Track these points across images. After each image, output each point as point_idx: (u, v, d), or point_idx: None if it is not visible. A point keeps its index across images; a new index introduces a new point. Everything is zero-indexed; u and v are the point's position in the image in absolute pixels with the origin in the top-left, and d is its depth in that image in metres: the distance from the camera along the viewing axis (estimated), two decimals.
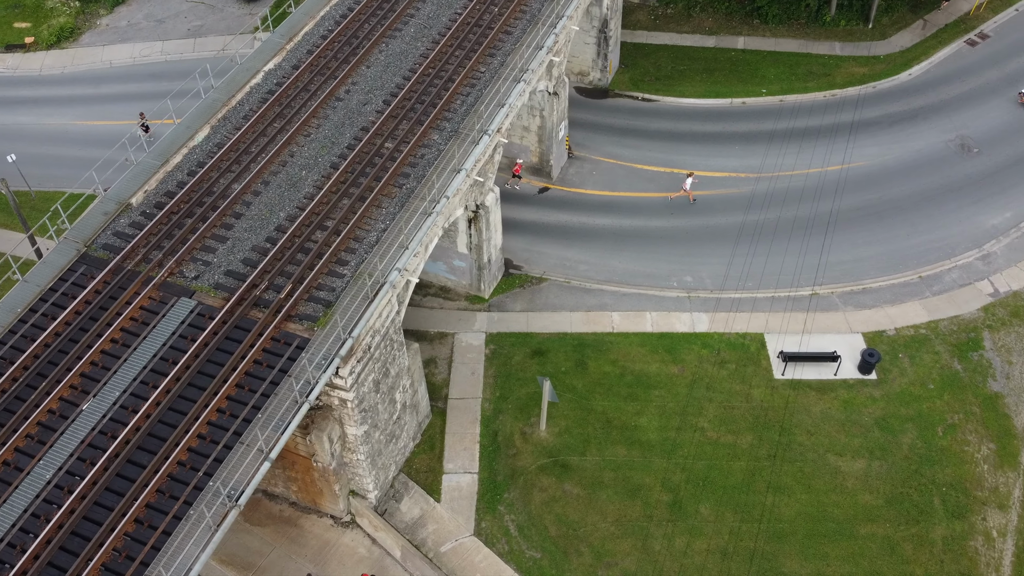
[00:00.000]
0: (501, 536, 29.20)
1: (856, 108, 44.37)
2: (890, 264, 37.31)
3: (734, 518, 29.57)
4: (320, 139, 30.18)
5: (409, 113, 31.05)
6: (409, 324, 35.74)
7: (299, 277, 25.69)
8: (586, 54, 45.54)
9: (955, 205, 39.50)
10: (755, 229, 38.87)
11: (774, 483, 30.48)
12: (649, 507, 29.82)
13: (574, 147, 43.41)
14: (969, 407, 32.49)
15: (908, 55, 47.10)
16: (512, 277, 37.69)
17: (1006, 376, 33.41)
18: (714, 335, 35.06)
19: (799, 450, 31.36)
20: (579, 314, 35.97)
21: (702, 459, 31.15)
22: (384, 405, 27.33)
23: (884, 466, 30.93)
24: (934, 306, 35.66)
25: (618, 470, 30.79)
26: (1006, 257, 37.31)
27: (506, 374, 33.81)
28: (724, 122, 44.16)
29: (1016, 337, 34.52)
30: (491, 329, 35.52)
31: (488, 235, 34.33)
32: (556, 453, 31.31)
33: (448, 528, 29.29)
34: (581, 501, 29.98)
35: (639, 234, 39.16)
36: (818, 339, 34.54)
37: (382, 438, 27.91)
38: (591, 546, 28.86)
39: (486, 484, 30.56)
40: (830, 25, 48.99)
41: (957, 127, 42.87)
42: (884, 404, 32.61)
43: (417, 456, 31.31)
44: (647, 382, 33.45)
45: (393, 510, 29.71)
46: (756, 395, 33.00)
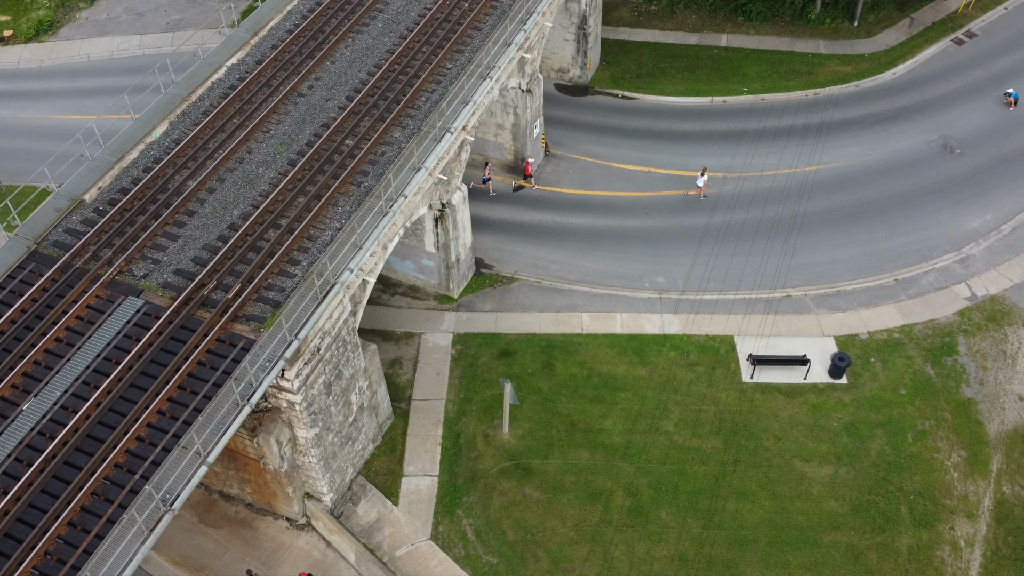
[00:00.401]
0: (458, 540, 28.76)
1: (838, 107, 43.73)
2: (866, 266, 36.71)
3: (696, 524, 29.07)
4: (279, 135, 29.73)
5: (372, 110, 30.56)
6: (376, 324, 35.36)
7: (248, 277, 25.25)
8: (565, 51, 44.99)
9: (935, 207, 38.87)
10: (730, 230, 38.29)
11: (738, 489, 29.97)
12: (610, 512, 29.33)
13: (551, 145, 42.88)
14: (941, 413, 31.92)
15: (893, 54, 46.41)
16: (483, 276, 37.20)
17: (980, 382, 32.81)
18: (684, 337, 34.53)
19: (765, 455, 30.83)
20: (549, 315, 35.48)
21: (666, 463, 30.64)
22: (338, 407, 26.89)
23: (851, 473, 30.39)
24: (909, 310, 35.06)
25: (580, 474, 30.31)
26: (985, 260, 36.68)
27: (472, 375, 33.35)
28: (704, 121, 43.56)
29: (992, 342, 33.92)
30: (459, 329, 35.05)
31: (456, 234, 33.84)
32: (518, 456, 30.84)
33: (405, 532, 28.86)
34: (541, 505, 29.51)
35: (613, 234, 38.62)
36: (789, 342, 33.99)
37: (336, 440, 27.48)
38: (549, 552, 28.40)
39: (446, 487, 30.12)
40: (815, 23, 48.33)
41: (940, 127, 42.20)
42: (854, 409, 32.06)
43: (377, 458, 30.87)
44: (614, 384, 32.95)
45: (350, 513, 29.28)
46: (724, 399, 32.48)
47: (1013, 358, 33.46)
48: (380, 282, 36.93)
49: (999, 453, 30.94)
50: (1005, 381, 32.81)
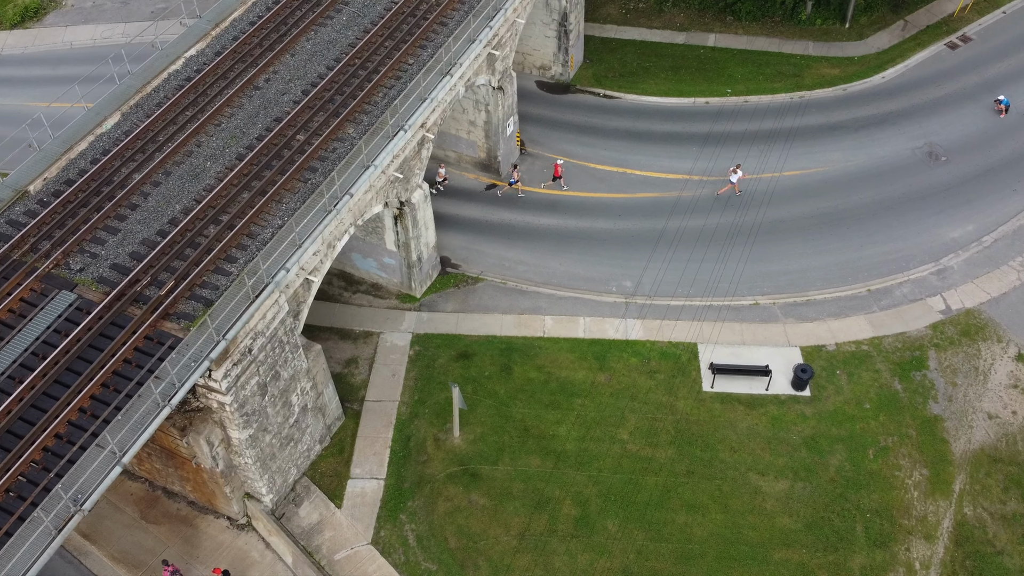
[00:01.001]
0: (399, 546, 28.28)
1: (823, 111, 42.71)
2: (839, 275, 35.79)
3: (643, 536, 28.41)
4: (231, 129, 29.28)
5: (327, 105, 30.04)
6: (335, 322, 34.91)
7: (183, 273, 24.83)
8: (547, 48, 44.24)
9: (915, 216, 37.83)
10: (703, 235, 37.47)
11: (689, 501, 29.27)
12: (556, 521, 28.73)
13: (528, 143, 42.19)
14: (905, 430, 31.03)
15: (884, 57, 45.28)
16: (448, 276, 36.64)
17: (948, 398, 31.87)
18: (646, 343, 33.81)
19: (720, 467, 30.10)
20: (511, 317, 34.87)
21: (618, 472, 30.00)
22: (275, 409, 26.45)
23: (808, 488, 29.60)
24: (880, 322, 34.13)
25: (529, 481, 29.72)
26: (963, 273, 35.65)
27: (428, 377, 32.82)
28: (684, 122, 42.68)
29: (964, 358, 32.94)
30: (419, 329, 34.52)
31: (416, 233, 33.29)
32: (467, 461, 30.29)
33: (345, 535, 28.41)
34: (486, 512, 28.96)
35: (583, 236, 37.92)
36: (753, 351, 33.19)
37: (275, 442, 27.05)
38: (490, 560, 27.86)
39: (391, 491, 29.64)
40: (805, 24, 47.26)
41: (927, 134, 41.10)
42: (815, 423, 31.24)
43: (324, 459, 30.44)
44: (571, 390, 32.32)
45: (291, 514, 28.87)
46: (682, 407, 31.76)
47: (985, 375, 32.49)
48: (342, 279, 36.49)
49: (963, 473, 30.03)
50: (975, 398, 31.84)
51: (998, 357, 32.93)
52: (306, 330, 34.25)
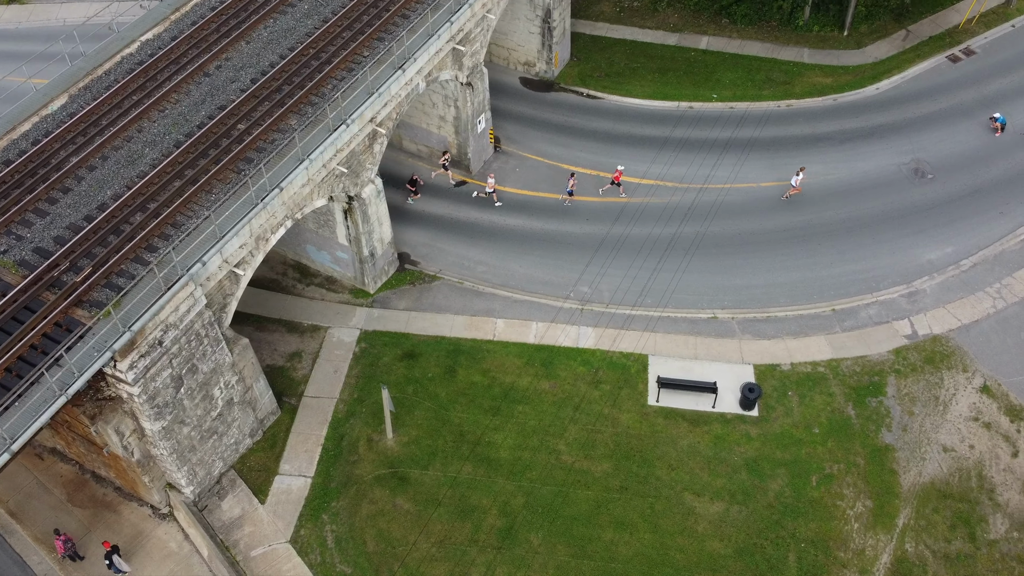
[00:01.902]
0: (317, 546, 27.92)
1: (810, 121, 41.36)
2: (804, 293, 34.62)
3: (566, 552, 27.72)
4: (174, 115, 28.97)
5: (273, 95, 29.60)
6: (284, 314, 34.59)
7: (102, 260, 24.59)
8: (531, 44, 43.40)
9: (893, 234, 36.45)
10: (670, 243, 36.48)
11: (619, 518, 28.50)
12: (479, 531, 28.15)
13: (505, 141, 41.45)
14: (853, 458, 29.90)
15: (880, 67, 43.72)
16: (406, 273, 36.13)
17: (903, 428, 30.65)
18: (597, 352, 33.00)
19: (655, 484, 29.27)
20: (463, 318, 34.26)
21: (550, 484, 29.31)
22: (194, 402, 26.17)
23: (743, 512, 28.65)
24: (840, 343, 32.94)
25: (457, 488, 29.16)
26: (935, 297, 34.27)
27: (370, 376, 32.37)
28: (665, 126, 41.60)
29: (925, 386, 31.66)
30: (368, 326, 34.07)
31: (368, 228, 32.80)
32: (398, 464, 29.81)
33: (265, 532, 28.12)
34: (410, 518, 28.47)
35: (548, 238, 37.13)
36: (705, 367, 32.23)
37: (194, 435, 26.79)
38: (406, 567, 27.37)
39: (317, 490, 29.27)
40: (803, 30, 45.81)
41: (916, 150, 39.58)
42: (759, 444, 30.24)
43: (255, 453, 30.16)
44: (514, 396, 31.65)
45: (214, 507, 28.65)
46: (624, 420, 30.94)
47: (945, 405, 31.19)
48: (297, 271, 36.16)
49: (909, 507, 28.85)
50: (931, 429, 30.59)
51: (961, 387, 31.60)
52: (254, 321, 34.11)
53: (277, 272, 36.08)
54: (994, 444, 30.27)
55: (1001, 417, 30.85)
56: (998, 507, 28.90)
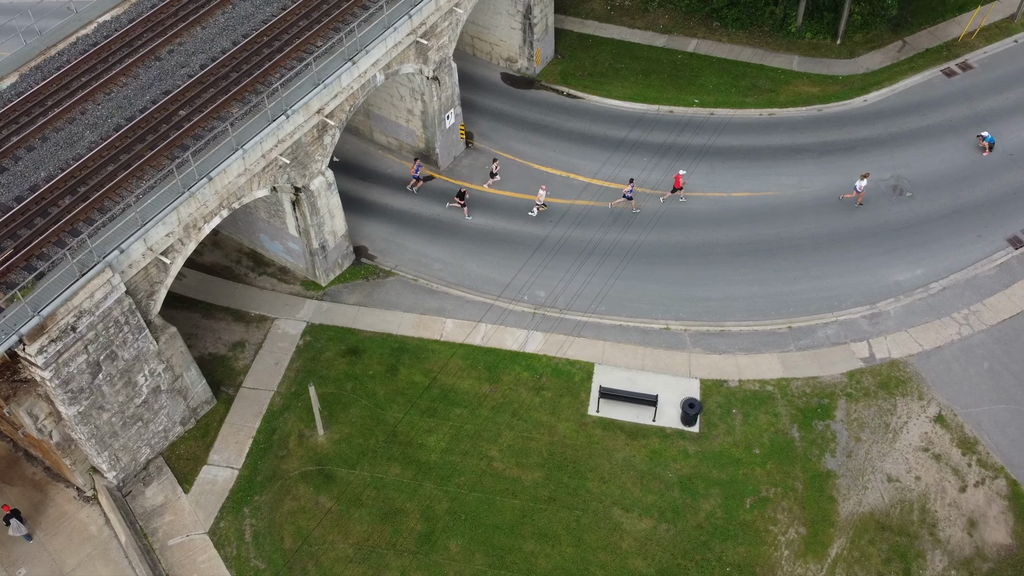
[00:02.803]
0: (234, 539, 27.73)
1: (791, 131, 40.22)
2: (762, 308, 33.68)
3: (483, 561, 27.25)
4: (119, 99, 28.83)
5: (220, 81, 29.34)
6: (233, 302, 34.40)
7: (25, 242, 24.52)
8: (512, 40, 42.72)
9: (862, 253, 35.33)
10: (633, 250, 35.69)
11: (543, 529, 27.96)
12: (398, 535, 27.78)
13: (479, 137, 40.88)
14: (792, 482, 29.04)
15: (870, 78, 42.40)
16: (361, 267, 35.79)
17: (847, 454, 29.70)
18: (543, 358, 32.41)
19: (584, 497, 28.66)
20: (412, 316, 33.84)
21: (477, 491, 28.83)
22: (114, 388, 26.06)
23: (671, 531, 27.96)
24: (793, 362, 32.00)
25: (383, 489, 28.80)
26: (898, 319, 33.15)
27: (310, 370, 32.10)
28: (643, 130, 40.71)
29: (876, 412, 30.64)
30: (315, 319, 33.78)
31: (317, 221, 32.47)
32: (326, 462, 29.52)
33: (185, 522, 28.00)
34: (331, 517, 28.16)
35: (509, 239, 36.52)
36: (651, 379, 31.50)
37: (115, 420, 26.70)
38: (320, 566, 27.09)
39: (243, 482, 29.09)
40: (795, 36, 44.57)
41: (898, 166, 38.33)
42: (696, 462, 29.48)
43: (185, 441, 30.04)
44: (453, 398, 31.19)
45: (137, 493, 28.60)
46: (561, 429, 30.35)
47: (895, 433, 30.17)
48: (252, 259, 35.97)
49: (844, 536, 27.95)
50: (877, 457, 29.60)
51: (914, 415, 30.54)
52: (202, 308, 34.00)
53: (231, 260, 35.93)
54: (942, 477, 29.21)
55: (953, 449, 29.77)
56: (938, 543, 27.90)
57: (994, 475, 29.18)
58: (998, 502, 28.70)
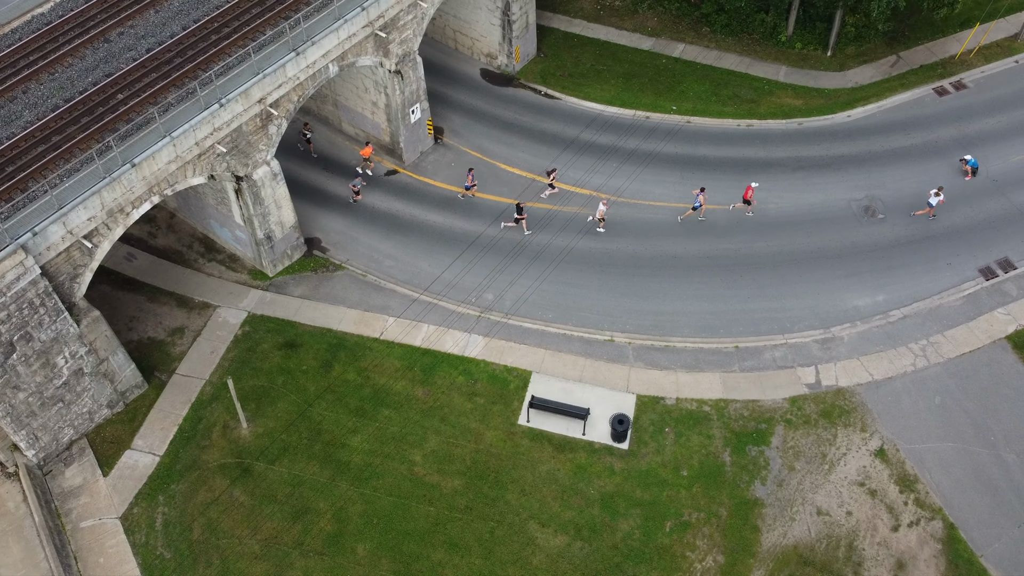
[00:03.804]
0: (144, 526, 27.69)
1: (766, 144, 39.07)
2: (710, 325, 32.78)
3: (389, 568, 26.88)
4: (62, 79, 28.79)
5: (163, 66, 29.15)
6: (178, 287, 34.33)
7: None
8: (492, 36, 42.06)
9: (822, 275, 34.22)
10: (588, 258, 34.99)
11: (454, 539, 27.51)
12: (307, 535, 27.50)
13: (449, 133, 40.34)
14: (716, 508, 28.22)
15: (858, 93, 41.03)
16: (312, 259, 35.51)
17: (778, 483, 28.78)
18: (481, 363, 31.89)
19: (501, 508, 28.14)
20: (355, 312, 33.49)
21: (394, 495, 28.45)
22: (31, 368, 26.09)
23: (585, 550, 27.33)
24: (734, 383, 31.10)
25: (299, 487, 28.55)
26: (852, 346, 32.04)
27: (244, 360, 31.93)
28: (616, 135, 39.82)
29: (814, 441, 29.66)
30: (257, 310, 33.59)
31: (262, 211, 32.25)
32: (246, 455, 29.34)
33: (99, 505, 28.03)
34: (242, 511, 27.98)
35: (465, 239, 35.96)
36: (586, 391, 30.81)
37: (33, 400, 26.77)
38: (224, 561, 26.92)
39: (162, 470, 29.02)
40: (784, 46, 43.28)
41: (873, 186, 37.05)
42: (620, 480, 28.79)
43: (113, 424, 30.05)
44: (383, 399, 30.82)
45: (58, 473, 28.70)
46: (488, 438, 29.83)
47: (831, 464, 29.17)
48: (203, 245, 35.88)
49: (763, 569, 27.10)
50: (809, 489, 28.64)
51: (854, 448, 29.51)
52: (147, 291, 34.03)
53: (184, 244, 35.89)
54: (875, 514, 28.17)
55: (890, 485, 28.70)
56: None
57: (931, 516, 28.08)
58: (931, 544, 27.62)
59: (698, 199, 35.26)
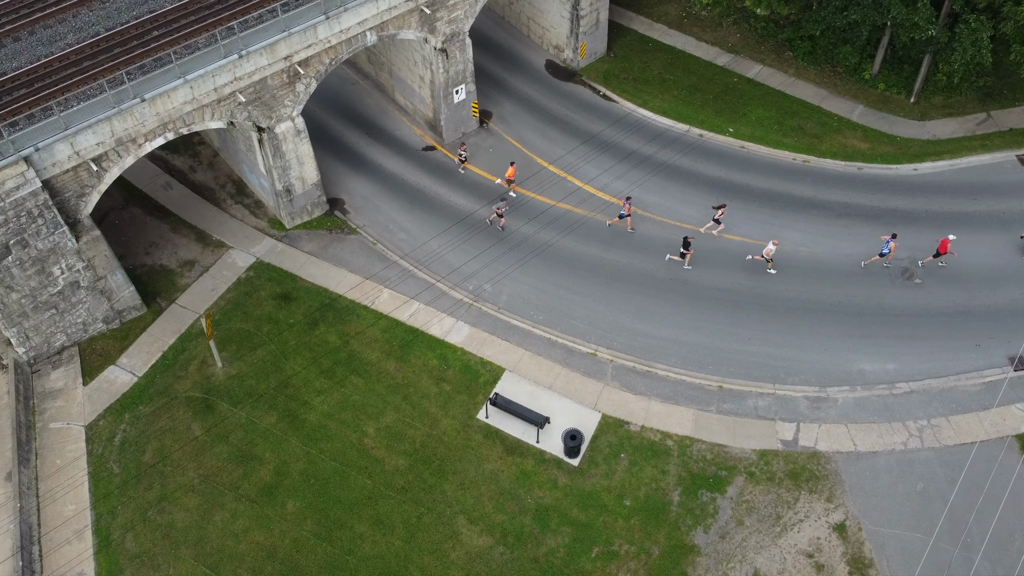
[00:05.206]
0: (104, 439, 29.25)
1: (817, 184, 37.03)
2: (700, 359, 31.55)
3: (311, 529, 27.39)
4: (110, 9, 30.16)
5: (202, 10, 30.20)
6: (201, 222, 35.79)
7: None
8: (561, 29, 41.51)
9: (835, 330, 32.30)
10: (600, 268, 34.24)
11: (382, 516, 27.77)
12: (245, 479, 28.36)
13: (496, 119, 40.20)
14: (650, 545, 27.34)
15: (932, 147, 38.27)
16: (330, 218, 36.28)
17: (722, 535, 27.57)
18: (458, 350, 31.88)
19: (436, 497, 28.18)
20: (354, 277, 34.04)
21: (337, 460, 28.94)
22: (25, 273, 27.86)
23: (505, 556, 27.06)
24: (706, 423, 29.89)
25: (252, 434, 29.45)
26: (843, 411, 30.20)
27: (239, 303, 33.05)
28: (662, 147, 38.67)
29: (773, 500, 28.20)
30: (265, 258, 34.65)
31: (282, 164, 33.15)
32: (213, 392, 30.45)
33: (71, 411, 29.79)
34: (194, 445, 29.10)
35: (480, 227, 35.87)
36: (553, 400, 30.31)
37: (26, 302, 28.63)
38: (163, 488, 28.09)
39: (136, 390, 30.50)
40: (867, 84, 40.75)
41: (920, 248, 34.53)
42: (561, 495, 28.27)
43: (106, 338, 31.75)
44: (356, 367, 31.31)
45: (45, 373, 30.65)
46: (444, 425, 29.87)
47: (784, 528, 27.69)
48: (235, 187, 37.20)
49: None
50: (753, 548, 27.31)
51: (814, 516, 27.89)
52: (172, 220, 35.66)
53: (218, 183, 37.37)
54: None
55: (840, 564, 27.00)
56: None
57: None
58: None
59: (888, 245, 33.10)
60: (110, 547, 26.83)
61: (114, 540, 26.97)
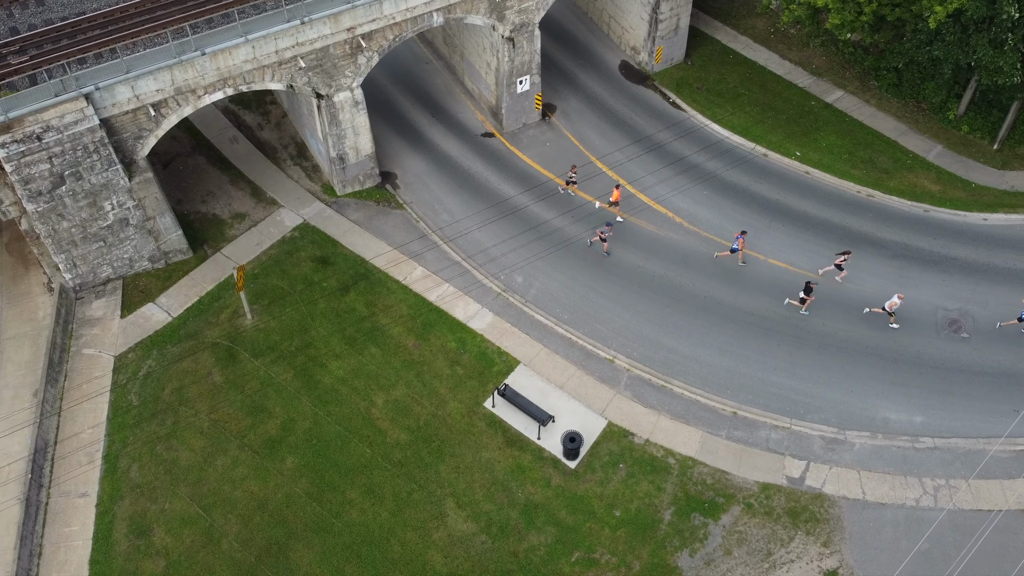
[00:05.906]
0: (130, 371, 30.65)
1: (879, 222, 35.62)
2: (720, 382, 30.90)
3: (304, 488, 28.12)
4: None
5: None
6: (258, 178, 37.03)
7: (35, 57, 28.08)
8: (639, 30, 41.03)
9: (866, 373, 31.12)
10: (628, 272, 33.91)
11: (374, 486, 28.29)
12: (251, 430, 29.27)
13: (559, 114, 40.10)
14: (631, 560, 27.04)
15: (1008, 198, 36.34)
16: (381, 191, 36.96)
17: (707, 561, 27.04)
18: (478, 337, 32.10)
19: (431, 477, 28.53)
20: (392, 252, 34.58)
21: (342, 425, 29.60)
22: (77, 203, 29.38)
23: (486, 546, 27.23)
24: (712, 447, 29.29)
25: (267, 386, 30.36)
26: (858, 458, 29.13)
27: (279, 260, 34.04)
28: (724, 162, 37.86)
29: (767, 535, 27.48)
30: (312, 220, 35.57)
31: (337, 132, 33.93)
32: (238, 342, 31.51)
33: (105, 340, 31.32)
34: (210, 389, 30.20)
35: (527, 219, 35.90)
36: (562, 400, 30.23)
37: (76, 232, 30.20)
38: (175, 425, 29.22)
39: (168, 329, 31.83)
40: (950, 124, 38.89)
41: (974, 301, 32.94)
42: (553, 495, 28.23)
43: (149, 276, 33.21)
44: (376, 338, 31.91)
45: (88, 301, 32.30)
46: (451, 408, 30.17)
47: (773, 565, 26.97)
48: (296, 148, 38.26)
49: None
50: None
51: (806, 558, 27.07)
52: (233, 173, 37.06)
53: (282, 143, 38.50)
54: None
55: None
56: None
57: None
58: None
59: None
60: (115, 474, 28.22)
61: (120, 468, 28.34)
